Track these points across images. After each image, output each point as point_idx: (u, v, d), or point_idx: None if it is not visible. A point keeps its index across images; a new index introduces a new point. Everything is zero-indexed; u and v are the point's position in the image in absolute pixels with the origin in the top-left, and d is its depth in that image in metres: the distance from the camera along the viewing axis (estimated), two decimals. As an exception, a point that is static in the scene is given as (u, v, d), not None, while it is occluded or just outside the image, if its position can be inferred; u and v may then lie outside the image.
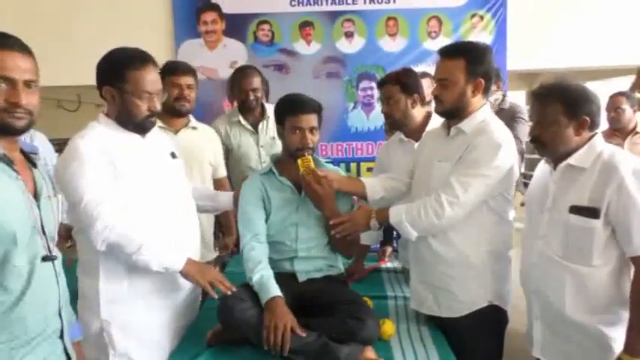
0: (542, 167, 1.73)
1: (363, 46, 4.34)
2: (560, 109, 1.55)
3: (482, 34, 4.32)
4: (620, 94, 3.40)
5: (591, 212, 1.50)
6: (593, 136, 1.58)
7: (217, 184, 2.65)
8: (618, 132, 3.31)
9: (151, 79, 1.69)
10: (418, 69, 4.26)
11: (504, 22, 4.35)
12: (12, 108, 1.19)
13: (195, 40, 4.33)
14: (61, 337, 1.31)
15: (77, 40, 4.19)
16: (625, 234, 1.47)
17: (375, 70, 4.35)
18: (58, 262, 1.31)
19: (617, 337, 1.49)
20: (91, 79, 1.77)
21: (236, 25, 4.32)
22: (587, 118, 1.55)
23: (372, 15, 4.30)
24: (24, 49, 1.24)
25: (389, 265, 2.61)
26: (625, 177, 1.45)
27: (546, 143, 1.58)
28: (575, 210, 1.53)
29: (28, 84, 1.22)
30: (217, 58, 4.31)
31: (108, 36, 4.04)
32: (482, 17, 4.33)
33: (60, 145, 2.51)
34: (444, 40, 4.26)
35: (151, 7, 4.32)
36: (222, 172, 2.72)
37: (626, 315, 1.50)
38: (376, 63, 4.33)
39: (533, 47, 4.39)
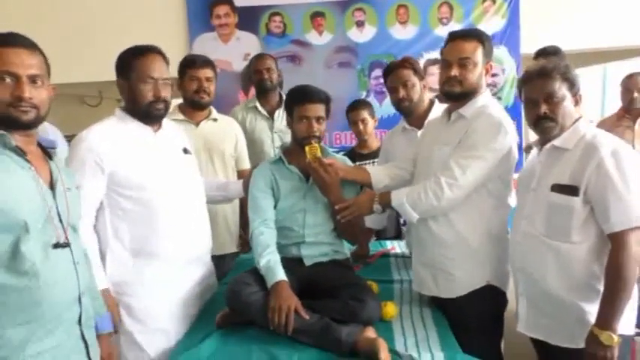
0: (533, 151, 1.76)
1: (375, 35, 4.37)
2: (565, 85, 1.61)
3: (494, 18, 4.31)
4: None
5: (571, 190, 1.54)
6: (578, 119, 1.63)
7: (240, 176, 2.68)
8: (629, 114, 3.26)
9: (155, 66, 1.78)
10: (430, 56, 4.31)
11: (517, 5, 4.31)
12: (17, 102, 1.25)
13: (209, 34, 4.42)
14: (80, 322, 1.36)
15: (97, 38, 4.31)
16: (602, 211, 1.50)
17: (386, 58, 4.36)
18: (78, 250, 1.37)
19: (595, 313, 1.52)
20: (111, 75, 1.86)
21: (248, 18, 4.39)
22: (581, 94, 1.63)
23: (383, 3, 4.32)
24: (29, 46, 1.30)
25: (397, 250, 2.65)
26: (604, 157, 1.49)
27: (557, 118, 1.61)
28: (557, 188, 1.57)
29: (33, 79, 1.28)
30: (231, 51, 4.40)
31: (125, 32, 4.19)
32: (494, 1, 4.31)
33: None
34: (455, 26, 4.25)
35: (166, 2, 4.42)
36: (246, 164, 2.76)
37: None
38: (388, 51, 4.35)
39: (547, 29, 4.33)
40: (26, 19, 4.24)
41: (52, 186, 1.34)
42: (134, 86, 1.76)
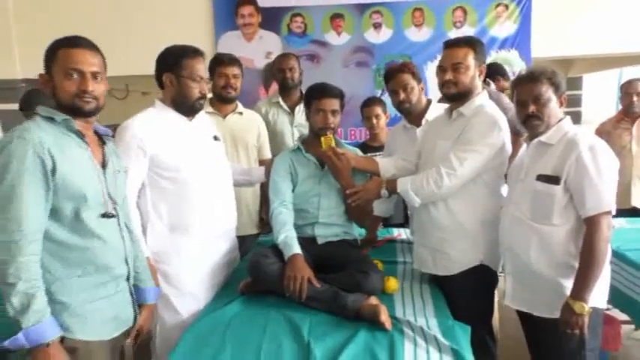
0: (523, 147, 1.98)
1: (391, 37, 4.57)
2: (551, 89, 1.82)
3: (506, 23, 4.48)
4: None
5: (553, 180, 1.76)
6: (562, 118, 1.85)
7: (262, 165, 2.89)
8: (628, 117, 3.44)
9: (202, 67, 2.04)
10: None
11: (529, 11, 4.47)
12: (82, 94, 1.49)
13: (234, 32, 4.66)
14: (128, 279, 1.63)
15: (125, 35, 4.56)
16: (579, 198, 1.72)
17: (401, 59, 4.53)
18: (122, 221, 1.63)
19: (570, 287, 1.74)
20: (138, 70, 2.07)
21: (271, 18, 4.62)
22: (565, 96, 1.84)
23: (400, 6, 4.52)
24: (92, 47, 1.55)
25: (403, 237, 2.87)
26: (582, 151, 1.71)
27: (543, 117, 1.82)
28: (541, 178, 1.80)
29: (94, 75, 1.52)
30: (254, 49, 4.63)
31: (153, 30, 4.47)
32: (507, 6, 4.48)
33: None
34: (468, 30, 4.44)
35: (194, 2, 4.66)
36: (267, 154, 3.01)
37: None
38: (403, 52, 4.55)
39: (558, 34, 4.45)
40: (59, 18, 4.50)
41: (103, 166, 1.58)
42: (184, 83, 2.00)
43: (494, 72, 3.41)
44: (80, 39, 1.53)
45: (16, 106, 5.00)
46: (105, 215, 1.54)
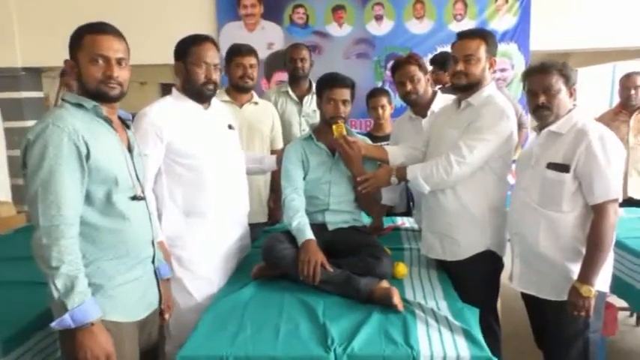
0: (532, 135, 2.04)
1: (392, 29, 4.63)
2: (561, 80, 1.87)
3: (506, 16, 4.55)
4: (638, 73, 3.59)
5: (563, 168, 1.82)
6: (572, 109, 1.91)
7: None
8: (626, 110, 3.52)
9: (209, 53, 2.04)
10: (443, 50, 4.55)
11: (528, 4, 4.53)
12: (107, 80, 1.50)
13: (236, 23, 4.69)
14: (153, 262, 1.66)
15: (126, 25, 4.51)
16: (588, 186, 1.79)
17: (402, 51, 4.60)
18: (151, 203, 1.67)
19: (577, 271, 1.81)
20: (138, 59, 2.05)
21: (273, 9, 4.66)
22: (575, 87, 1.89)
23: (401, -1, 4.57)
24: (117, 33, 1.56)
25: (407, 225, 2.93)
26: (592, 140, 1.77)
27: (553, 107, 1.88)
28: (551, 166, 1.86)
29: (119, 61, 1.53)
30: (256, 40, 4.60)
31: (155, 21, 4.47)
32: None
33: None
34: (469, 23, 4.50)
35: (196, -8, 4.68)
36: (279, 145, 3.05)
37: None
38: (403, 44, 4.61)
39: (557, 28, 4.54)
40: (59, 8, 4.48)
41: (129, 150, 1.62)
42: (190, 69, 2.03)
43: (442, 63, 3.38)
44: (105, 25, 1.55)
45: (16, 94, 5.04)
46: (134, 198, 1.57)
